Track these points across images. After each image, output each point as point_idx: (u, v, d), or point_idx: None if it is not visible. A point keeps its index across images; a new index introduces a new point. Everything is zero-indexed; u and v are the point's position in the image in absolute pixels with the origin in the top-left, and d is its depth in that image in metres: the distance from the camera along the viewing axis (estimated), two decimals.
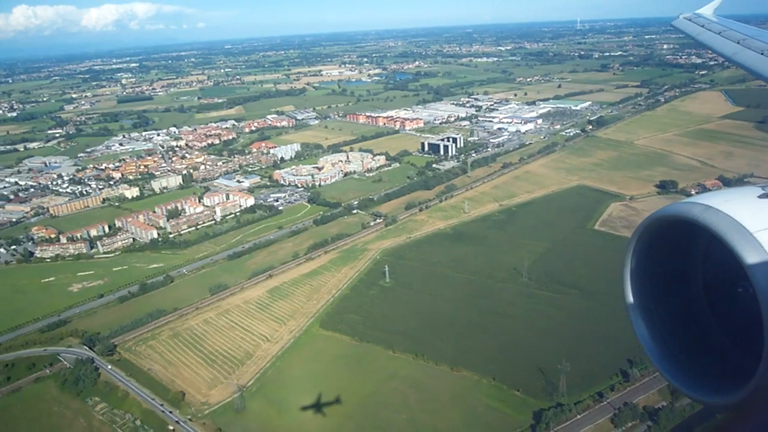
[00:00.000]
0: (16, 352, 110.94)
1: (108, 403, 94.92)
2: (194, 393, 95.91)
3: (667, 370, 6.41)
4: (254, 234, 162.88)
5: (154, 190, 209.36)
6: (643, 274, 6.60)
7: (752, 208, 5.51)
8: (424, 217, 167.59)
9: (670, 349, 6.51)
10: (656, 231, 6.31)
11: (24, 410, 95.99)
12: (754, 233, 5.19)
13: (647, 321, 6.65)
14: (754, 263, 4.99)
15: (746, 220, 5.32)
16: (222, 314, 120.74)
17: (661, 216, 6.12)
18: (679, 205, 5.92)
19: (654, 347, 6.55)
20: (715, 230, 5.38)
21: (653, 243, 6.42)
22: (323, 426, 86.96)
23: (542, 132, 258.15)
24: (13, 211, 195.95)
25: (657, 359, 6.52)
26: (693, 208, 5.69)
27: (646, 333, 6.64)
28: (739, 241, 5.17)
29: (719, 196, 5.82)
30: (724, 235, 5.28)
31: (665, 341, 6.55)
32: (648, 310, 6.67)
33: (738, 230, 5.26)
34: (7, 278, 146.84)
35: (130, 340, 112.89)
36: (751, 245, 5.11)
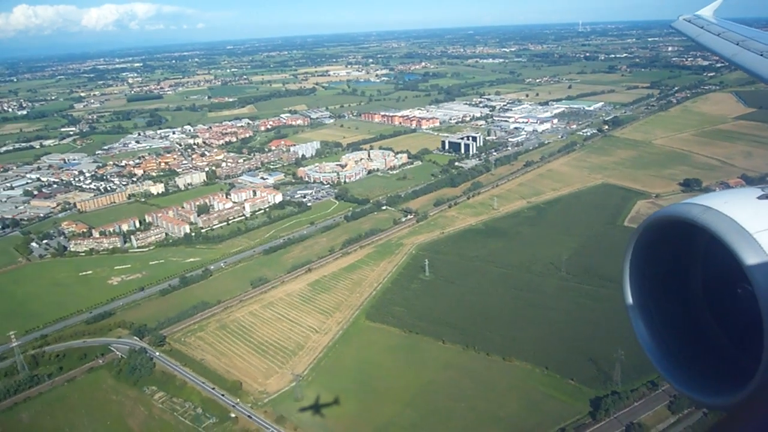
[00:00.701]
0: (66, 343, 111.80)
1: (166, 392, 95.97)
2: (251, 382, 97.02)
3: (667, 371, 6.39)
4: (286, 229, 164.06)
5: (179, 186, 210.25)
6: (643, 275, 6.61)
7: (752, 209, 5.49)
8: (454, 214, 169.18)
9: (670, 350, 6.49)
10: (656, 232, 6.29)
11: (82, 399, 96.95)
12: (754, 234, 5.18)
13: (647, 322, 6.64)
14: (753, 264, 5.00)
15: (746, 221, 5.31)
16: (266, 306, 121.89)
17: (661, 217, 6.11)
18: (678, 206, 5.93)
19: (654, 348, 6.55)
20: (715, 231, 5.37)
21: (653, 244, 6.41)
22: (384, 414, 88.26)
23: (559, 131, 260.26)
24: (39, 207, 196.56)
25: (657, 360, 6.51)
26: (692, 209, 5.70)
27: (645, 334, 6.63)
28: (739, 242, 5.16)
29: (719, 197, 5.81)
30: (724, 236, 5.27)
31: (665, 342, 6.54)
32: (648, 311, 6.66)
33: (737, 231, 5.26)
34: (44, 272, 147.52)
35: (178, 332, 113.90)
36: (750, 246, 5.10)
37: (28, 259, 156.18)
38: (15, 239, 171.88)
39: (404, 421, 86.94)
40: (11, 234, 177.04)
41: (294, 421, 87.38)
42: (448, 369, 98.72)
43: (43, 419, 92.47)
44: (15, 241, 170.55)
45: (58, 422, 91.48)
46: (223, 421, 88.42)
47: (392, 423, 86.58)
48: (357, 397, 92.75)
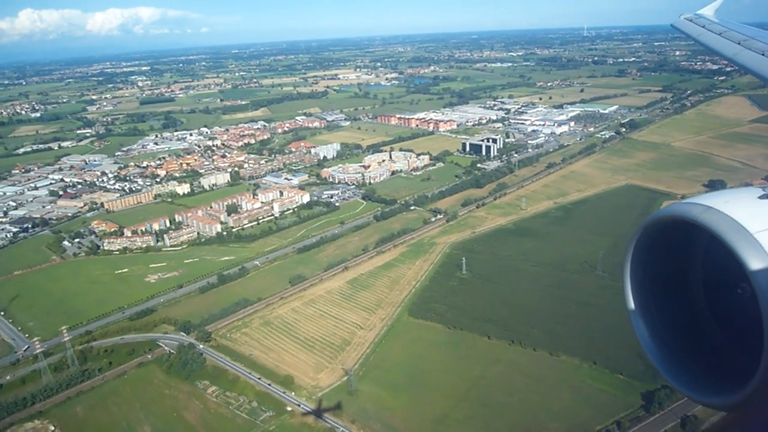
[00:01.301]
0: (113, 338, 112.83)
1: (219, 387, 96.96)
2: (302, 377, 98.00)
3: (668, 371, 6.38)
4: (317, 229, 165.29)
5: (203, 187, 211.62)
6: (644, 275, 6.60)
7: (752, 209, 5.49)
8: (482, 214, 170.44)
9: (670, 350, 6.49)
10: (656, 232, 6.29)
11: (135, 393, 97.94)
12: (755, 234, 5.18)
13: (647, 322, 6.63)
14: (754, 264, 4.99)
15: (746, 221, 5.31)
16: (308, 304, 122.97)
17: (662, 217, 6.11)
18: (679, 206, 5.91)
19: (654, 348, 6.54)
20: (715, 231, 5.36)
21: (653, 244, 6.40)
22: (439, 407, 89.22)
23: (577, 134, 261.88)
24: (67, 206, 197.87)
25: (657, 360, 6.49)
26: (693, 209, 5.69)
27: (646, 334, 6.62)
28: (740, 241, 5.16)
29: (719, 196, 5.80)
30: (724, 236, 5.27)
31: (665, 342, 6.54)
32: (648, 311, 6.65)
33: (738, 231, 5.26)
34: (80, 270, 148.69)
35: (222, 328, 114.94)
36: (751, 246, 5.10)
37: (62, 257, 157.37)
38: (46, 238, 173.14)
39: (459, 414, 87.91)
40: (41, 233, 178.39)
41: (350, 414, 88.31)
42: (496, 364, 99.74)
43: (98, 413, 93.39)
44: (46, 240, 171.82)
45: (114, 416, 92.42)
46: (279, 414, 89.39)
47: (448, 416, 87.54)
48: (409, 391, 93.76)
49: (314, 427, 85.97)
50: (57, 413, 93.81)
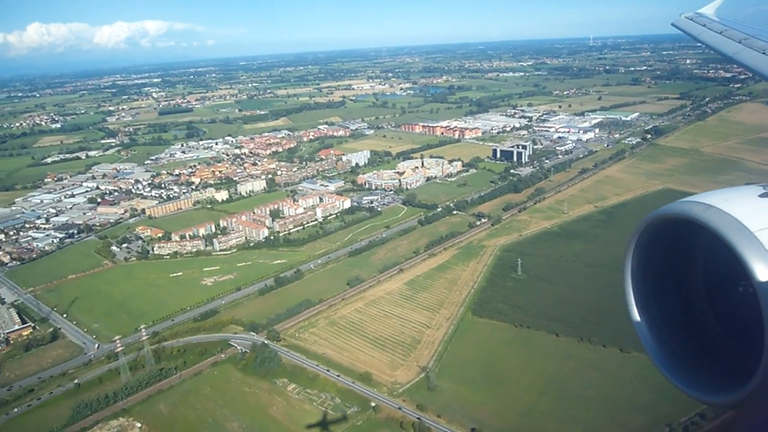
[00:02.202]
0: (184, 339, 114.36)
1: (298, 384, 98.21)
2: (379, 374, 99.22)
3: (669, 369, 6.37)
4: (363, 233, 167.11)
5: (241, 193, 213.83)
6: (644, 274, 6.60)
7: (753, 207, 5.47)
8: (525, 217, 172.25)
9: (671, 349, 6.47)
10: (657, 230, 6.25)
11: (215, 391, 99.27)
12: (755, 232, 5.16)
13: (648, 320, 6.60)
14: (754, 262, 4.97)
15: (747, 219, 5.28)
16: (370, 304, 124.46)
17: (662, 215, 6.08)
18: (679, 204, 5.91)
19: (655, 346, 6.52)
20: (716, 229, 5.33)
21: (654, 242, 6.37)
22: (522, 401, 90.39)
23: (603, 140, 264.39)
24: (107, 213, 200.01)
25: (658, 359, 6.48)
26: (693, 207, 5.67)
27: (647, 332, 6.60)
28: (740, 240, 5.14)
29: (720, 195, 5.81)
30: (725, 234, 5.24)
31: (666, 340, 6.52)
32: (649, 310, 6.62)
33: (739, 229, 5.23)
34: (135, 274, 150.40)
35: (290, 328, 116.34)
36: (751, 244, 5.08)
37: (114, 261, 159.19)
38: (93, 243, 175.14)
39: (543, 407, 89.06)
40: (87, 239, 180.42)
41: (435, 409, 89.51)
42: (569, 360, 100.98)
43: (182, 410, 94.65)
44: (93, 245, 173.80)
45: (198, 413, 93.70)
46: (364, 410, 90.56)
47: (532, 410, 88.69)
48: (488, 386, 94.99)
49: (402, 423, 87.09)
50: (140, 411, 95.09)
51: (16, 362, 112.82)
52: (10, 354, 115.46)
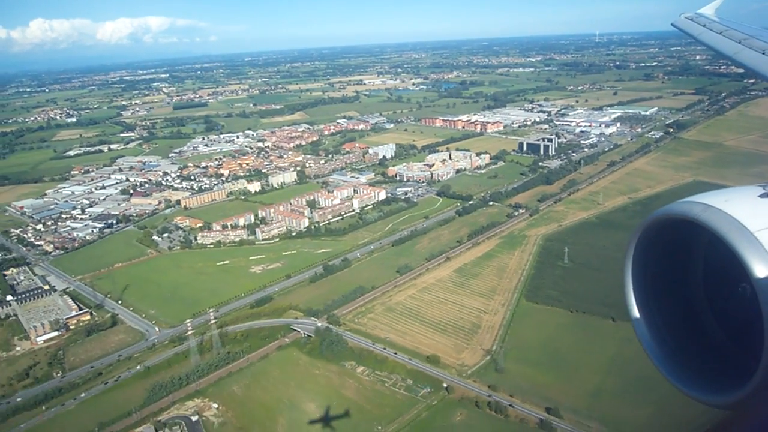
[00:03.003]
0: (245, 324, 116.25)
1: (367, 366, 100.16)
2: (445, 357, 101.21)
3: (668, 369, 6.37)
4: (402, 223, 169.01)
5: (272, 185, 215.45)
6: (644, 274, 6.57)
7: (753, 208, 5.48)
8: (562, 208, 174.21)
9: (670, 349, 6.48)
10: (657, 230, 6.25)
11: (284, 373, 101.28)
12: (755, 233, 5.17)
13: (648, 320, 6.63)
14: (754, 263, 4.98)
15: (747, 220, 5.29)
16: (423, 291, 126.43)
17: (662, 215, 6.06)
18: (679, 205, 5.89)
19: (654, 346, 6.55)
20: (716, 229, 5.34)
21: (654, 242, 6.37)
22: (589, 382, 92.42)
23: (626, 134, 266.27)
24: (142, 204, 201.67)
25: (657, 359, 6.49)
26: (693, 208, 5.66)
27: (646, 332, 6.63)
28: (740, 240, 5.15)
29: (719, 195, 5.79)
30: (725, 235, 5.25)
31: (665, 340, 6.54)
32: (648, 310, 6.64)
33: (738, 229, 5.24)
34: (181, 262, 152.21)
35: (348, 314, 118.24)
36: (751, 245, 5.09)
37: (158, 251, 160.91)
38: (133, 233, 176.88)
39: (611, 388, 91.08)
40: (125, 228, 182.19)
41: (507, 389, 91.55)
42: (629, 343, 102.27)
43: (255, 392, 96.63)
44: (133, 235, 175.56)
45: (272, 394, 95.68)
46: (437, 390, 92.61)
47: (602, 390, 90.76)
48: (554, 368, 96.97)
49: (477, 402, 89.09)
50: (214, 392, 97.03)
51: (79, 347, 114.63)
52: (71, 339, 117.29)
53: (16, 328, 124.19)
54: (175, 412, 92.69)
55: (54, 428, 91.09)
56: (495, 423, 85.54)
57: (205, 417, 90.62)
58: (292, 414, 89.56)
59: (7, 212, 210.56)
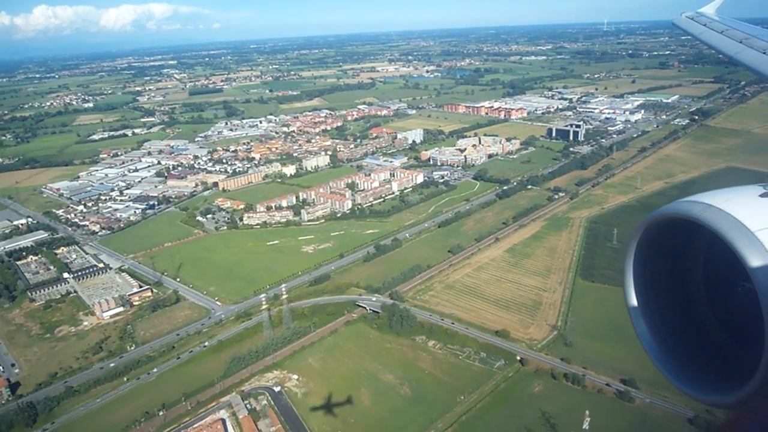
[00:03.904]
0: (310, 300, 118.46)
1: (438, 341, 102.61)
2: (513, 332, 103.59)
3: (668, 369, 6.31)
4: (444, 205, 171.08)
5: (306, 168, 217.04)
6: (644, 273, 6.55)
7: (753, 207, 5.47)
8: (600, 192, 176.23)
9: (670, 348, 6.43)
10: (657, 230, 6.24)
11: (357, 346, 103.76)
12: (756, 232, 5.17)
13: (648, 320, 6.58)
14: (755, 262, 4.97)
15: (747, 219, 5.29)
16: (478, 270, 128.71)
17: (662, 215, 6.06)
18: (680, 204, 5.88)
19: (655, 346, 6.50)
20: (716, 229, 5.33)
21: (654, 242, 6.36)
22: None
23: (652, 121, 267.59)
24: (179, 186, 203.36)
25: (658, 358, 6.44)
26: (694, 207, 5.65)
27: (646, 332, 6.57)
28: (740, 239, 5.14)
29: (720, 194, 5.76)
30: (725, 234, 5.24)
31: (666, 340, 6.49)
32: (649, 309, 6.60)
33: (739, 229, 5.22)
34: (230, 242, 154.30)
35: (408, 291, 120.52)
36: (752, 244, 5.08)
37: (204, 231, 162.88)
38: (175, 214, 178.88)
39: None
40: (167, 210, 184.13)
41: (579, 362, 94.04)
42: None
43: (331, 364, 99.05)
44: (176, 216, 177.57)
45: (348, 366, 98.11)
46: (511, 363, 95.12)
47: None
48: (621, 342, 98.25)
49: (552, 373, 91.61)
50: (290, 364, 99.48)
51: (147, 322, 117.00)
52: (137, 314, 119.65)
53: (78, 304, 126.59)
54: (256, 383, 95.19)
55: (138, 398, 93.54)
56: (573, 393, 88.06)
57: (287, 388, 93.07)
58: (374, 385, 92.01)
59: (44, 194, 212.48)
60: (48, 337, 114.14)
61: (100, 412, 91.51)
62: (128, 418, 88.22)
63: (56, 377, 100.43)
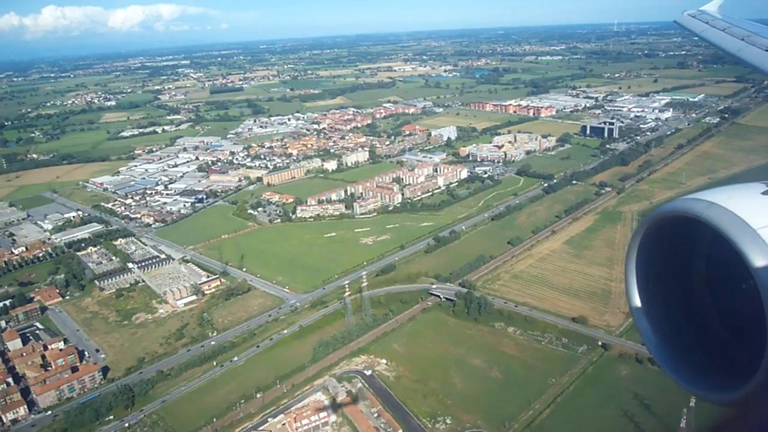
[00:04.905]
0: (382, 289, 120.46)
1: (517, 327, 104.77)
2: (590, 319, 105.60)
3: (670, 366, 6.25)
4: (493, 199, 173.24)
5: (346, 163, 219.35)
6: (647, 271, 6.51)
7: (756, 205, 5.44)
8: (646, 187, 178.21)
9: (673, 346, 6.38)
10: (659, 228, 6.15)
11: (437, 333, 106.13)
12: (758, 230, 5.13)
13: (650, 318, 6.53)
14: (757, 260, 4.95)
15: (750, 217, 5.24)
16: (541, 261, 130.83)
17: (665, 212, 5.97)
18: (682, 202, 5.78)
19: (657, 344, 6.44)
20: (719, 227, 5.28)
21: (656, 240, 6.28)
22: None
23: (682, 119, 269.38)
24: (222, 180, 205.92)
25: (660, 356, 6.39)
26: (696, 205, 5.55)
27: (649, 330, 6.51)
28: (743, 237, 5.10)
29: (722, 192, 5.69)
30: (728, 232, 5.20)
31: (668, 338, 6.43)
32: (651, 307, 6.55)
33: (741, 227, 5.17)
34: (287, 234, 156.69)
35: (476, 280, 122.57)
36: (754, 242, 5.05)
37: (258, 223, 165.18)
38: (225, 208, 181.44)
39: None
40: (215, 203, 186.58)
41: None
42: None
43: (415, 349, 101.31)
44: (226, 209, 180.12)
45: (433, 351, 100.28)
46: (594, 348, 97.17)
47: None
48: None
49: (637, 357, 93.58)
50: (376, 349, 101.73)
51: (222, 309, 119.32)
52: (211, 303, 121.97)
53: (148, 293, 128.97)
54: (345, 367, 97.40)
55: (230, 381, 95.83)
56: (661, 377, 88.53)
57: (378, 371, 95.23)
58: (463, 368, 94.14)
59: (87, 188, 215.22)
60: (126, 324, 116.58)
61: (196, 394, 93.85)
62: (225, 400, 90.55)
63: (144, 362, 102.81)
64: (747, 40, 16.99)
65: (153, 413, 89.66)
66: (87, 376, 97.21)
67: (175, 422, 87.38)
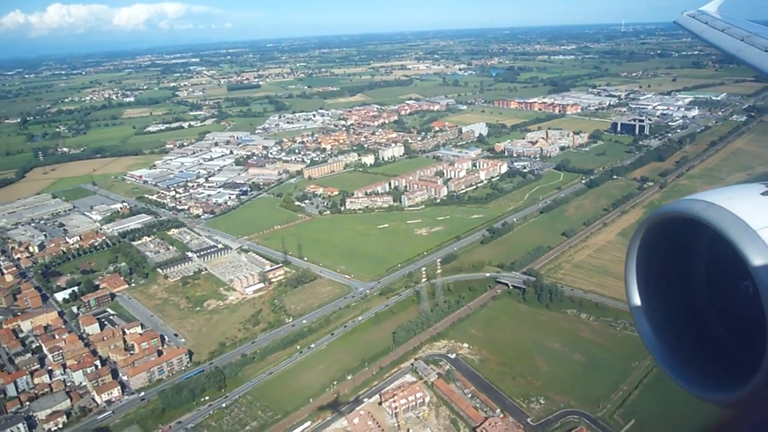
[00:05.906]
0: (451, 277, 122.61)
1: (590, 314, 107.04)
2: None
3: (670, 367, 6.29)
4: (537, 193, 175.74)
5: (383, 158, 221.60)
6: (647, 272, 6.52)
7: (755, 206, 5.47)
8: (686, 182, 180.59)
9: (672, 347, 6.41)
10: (659, 228, 6.21)
11: (510, 319, 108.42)
12: (757, 231, 5.15)
13: (650, 318, 6.54)
14: (756, 261, 4.98)
15: (749, 218, 5.28)
16: (598, 251, 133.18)
17: (664, 213, 6.06)
18: (681, 203, 5.86)
19: (657, 344, 6.46)
20: (718, 227, 5.33)
21: (656, 240, 6.32)
22: None
23: (709, 117, 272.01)
24: (262, 174, 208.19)
25: (660, 356, 6.42)
26: (695, 206, 5.63)
27: (648, 330, 6.52)
28: (742, 238, 5.13)
29: (722, 193, 5.76)
30: (727, 233, 5.24)
31: (668, 338, 6.47)
32: (651, 308, 6.56)
33: (741, 227, 5.22)
34: (340, 225, 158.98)
35: (539, 269, 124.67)
36: (753, 243, 5.07)
37: (308, 215, 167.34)
38: (271, 200, 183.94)
39: None
40: (260, 195, 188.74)
41: None
42: None
43: (494, 334, 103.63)
44: (272, 201, 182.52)
45: (511, 336, 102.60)
46: None
47: None
48: None
49: None
50: (455, 335, 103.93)
51: (292, 297, 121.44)
52: (280, 290, 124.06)
53: (214, 281, 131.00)
54: (428, 351, 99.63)
55: (317, 364, 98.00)
56: None
57: (461, 355, 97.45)
58: (545, 352, 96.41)
59: (126, 181, 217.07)
60: (199, 310, 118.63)
61: (285, 376, 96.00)
62: (316, 382, 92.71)
63: (225, 346, 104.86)
64: (747, 41, 17.01)
65: (247, 394, 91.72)
66: (175, 358, 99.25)
67: (269, 403, 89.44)
